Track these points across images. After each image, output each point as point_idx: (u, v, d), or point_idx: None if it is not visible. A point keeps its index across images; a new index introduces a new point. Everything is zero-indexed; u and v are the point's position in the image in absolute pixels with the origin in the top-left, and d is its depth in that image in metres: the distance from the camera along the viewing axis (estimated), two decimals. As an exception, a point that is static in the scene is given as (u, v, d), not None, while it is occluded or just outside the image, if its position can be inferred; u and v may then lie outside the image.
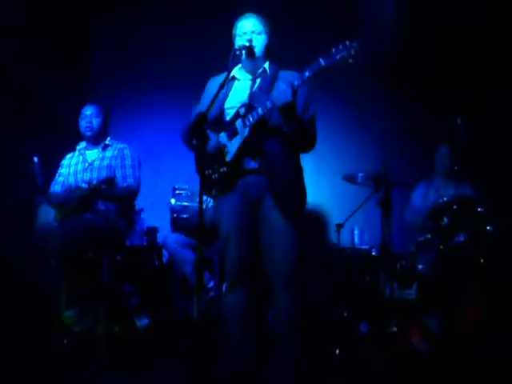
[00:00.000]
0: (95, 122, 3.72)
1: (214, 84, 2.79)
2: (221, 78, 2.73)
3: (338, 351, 3.32)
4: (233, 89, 2.75)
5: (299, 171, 2.72)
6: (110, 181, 3.44)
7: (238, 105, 2.64)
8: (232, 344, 2.67)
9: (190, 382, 2.15)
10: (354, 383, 3.00)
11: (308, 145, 2.70)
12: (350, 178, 3.97)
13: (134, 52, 5.27)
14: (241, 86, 2.74)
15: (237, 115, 2.62)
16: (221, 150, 2.65)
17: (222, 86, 2.45)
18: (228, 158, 2.63)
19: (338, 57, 2.39)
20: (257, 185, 2.61)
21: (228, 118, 2.69)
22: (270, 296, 2.66)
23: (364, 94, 4.81)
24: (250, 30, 2.68)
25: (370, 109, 4.87)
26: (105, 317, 3.41)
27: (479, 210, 3.58)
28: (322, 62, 2.41)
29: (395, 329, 3.28)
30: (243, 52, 2.62)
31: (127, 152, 3.74)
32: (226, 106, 2.71)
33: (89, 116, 3.71)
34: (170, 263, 4.29)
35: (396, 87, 4.85)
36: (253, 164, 2.62)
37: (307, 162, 2.80)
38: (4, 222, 3.63)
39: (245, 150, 2.61)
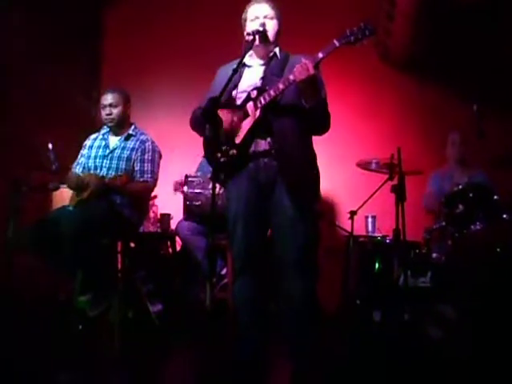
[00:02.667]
0: (115, 111, 3.68)
1: (223, 72, 2.77)
2: (230, 66, 2.71)
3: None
4: (243, 75, 2.73)
5: (312, 155, 2.68)
6: (125, 179, 3.45)
7: (249, 89, 2.62)
8: (242, 330, 2.66)
9: (203, 368, 2.16)
10: (367, 371, 3.00)
11: (323, 126, 2.68)
12: (364, 165, 3.94)
13: (148, 38, 5.26)
14: (252, 72, 2.72)
15: (248, 98, 2.60)
16: (231, 132, 2.62)
17: (235, 70, 2.44)
18: (238, 140, 2.60)
19: (352, 38, 2.40)
20: (268, 168, 2.58)
21: (239, 102, 2.66)
22: (278, 284, 2.63)
23: (378, 80, 4.77)
24: (262, 15, 2.66)
25: (385, 95, 4.83)
26: (119, 302, 3.44)
27: (495, 197, 3.54)
28: (337, 43, 2.42)
29: (408, 317, 3.26)
30: (256, 37, 2.60)
31: (148, 145, 3.71)
32: (237, 91, 2.68)
33: (108, 106, 3.67)
34: (183, 250, 4.31)
35: (411, 73, 4.81)
36: (263, 146, 2.59)
37: (321, 148, 2.76)
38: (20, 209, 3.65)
39: (255, 131, 2.59)
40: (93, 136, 3.84)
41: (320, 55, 2.44)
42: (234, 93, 2.68)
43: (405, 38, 4.46)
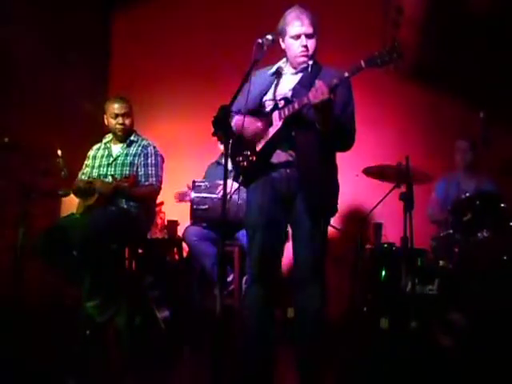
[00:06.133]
0: (127, 121, 3.74)
1: (258, 77, 2.75)
2: (265, 71, 2.75)
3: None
4: (276, 82, 2.73)
5: (333, 170, 2.68)
6: (132, 180, 3.47)
7: (278, 97, 2.63)
8: (252, 337, 2.67)
9: (210, 375, 2.16)
10: (374, 379, 3.00)
11: (345, 144, 2.66)
12: (372, 173, 3.95)
13: (154, 44, 5.29)
14: (284, 81, 2.73)
15: (275, 107, 2.62)
16: (253, 138, 2.64)
17: (246, 79, 2.44)
18: (259, 147, 2.63)
19: (379, 61, 2.36)
20: (289, 179, 2.60)
21: (268, 109, 2.67)
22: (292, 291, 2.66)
23: (384, 87, 4.78)
24: (304, 33, 2.63)
25: (391, 103, 4.84)
26: (126, 308, 3.45)
27: (502, 205, 3.54)
28: (363, 64, 2.39)
29: (415, 324, 3.26)
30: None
31: (150, 150, 3.75)
32: (266, 98, 2.70)
33: (120, 116, 3.71)
34: (190, 256, 4.32)
35: (417, 81, 4.82)
36: (284, 157, 2.61)
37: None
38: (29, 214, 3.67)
39: (276, 142, 2.60)
40: (96, 146, 3.88)
41: (346, 74, 2.42)
42: (264, 99, 2.70)
43: (411, 45, 4.47)
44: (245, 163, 2.66)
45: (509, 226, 3.48)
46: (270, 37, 2.59)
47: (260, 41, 2.56)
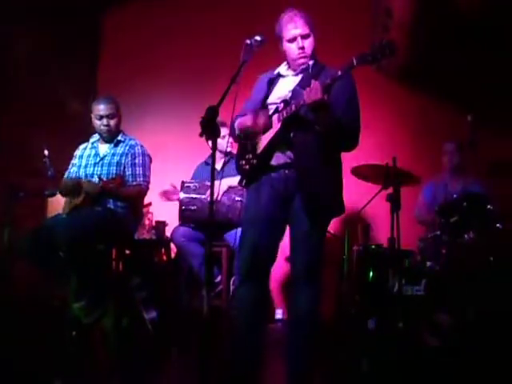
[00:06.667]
0: (112, 122, 3.70)
1: (262, 81, 2.81)
2: (268, 75, 2.78)
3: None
4: (277, 85, 2.74)
5: (335, 170, 2.68)
6: (119, 180, 3.45)
7: (278, 101, 2.64)
8: (241, 337, 2.66)
9: (197, 376, 2.15)
10: (362, 379, 3.01)
11: (348, 143, 2.65)
12: (359, 173, 3.95)
13: (144, 44, 5.28)
14: (284, 83, 2.73)
15: (276, 110, 2.63)
16: (256, 142, 2.65)
17: (234, 80, 2.43)
18: (258, 150, 2.64)
19: (370, 58, 2.36)
20: (287, 179, 2.60)
21: (270, 112, 2.68)
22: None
23: (373, 89, 4.79)
24: (299, 34, 2.64)
25: (379, 104, 4.85)
26: (113, 310, 3.43)
27: (489, 207, 3.56)
28: (355, 61, 2.39)
29: (402, 325, 3.27)
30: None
31: (138, 149, 3.73)
32: (268, 101, 2.71)
33: (105, 117, 3.67)
34: (178, 257, 4.31)
35: (405, 83, 4.84)
36: (283, 159, 2.61)
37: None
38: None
39: (275, 144, 2.61)
40: (82, 146, 3.86)
41: (339, 72, 2.42)
42: (267, 103, 2.71)
43: (400, 48, 4.48)
44: (247, 167, 2.67)
45: (495, 227, 3.50)
46: (258, 38, 2.59)
47: (248, 42, 2.57)
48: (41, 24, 4.58)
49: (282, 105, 2.60)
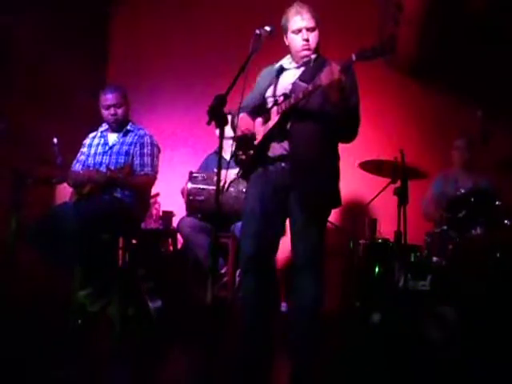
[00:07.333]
0: (119, 111, 3.71)
1: (266, 73, 2.84)
2: (273, 68, 2.80)
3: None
4: (280, 79, 2.76)
5: (333, 162, 2.70)
6: (127, 170, 3.46)
7: (279, 93, 2.67)
8: (247, 326, 2.69)
9: (202, 366, 2.16)
10: (366, 373, 3.00)
11: (350, 133, 2.68)
12: (368, 167, 3.94)
13: (153, 35, 5.27)
14: (286, 76, 2.76)
15: (275, 103, 2.66)
16: (254, 133, 2.69)
17: (242, 70, 2.42)
18: (256, 142, 2.67)
19: (369, 54, 2.38)
20: (284, 172, 2.62)
21: (269, 105, 2.72)
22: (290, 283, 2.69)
23: (383, 83, 4.78)
24: (305, 27, 2.67)
25: (389, 98, 4.84)
26: (119, 298, 3.44)
27: (497, 203, 3.55)
28: (354, 57, 2.41)
29: (407, 319, 3.26)
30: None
31: (147, 139, 3.74)
32: (267, 94, 2.75)
33: (112, 106, 3.69)
34: (184, 248, 4.32)
35: (415, 77, 4.81)
36: (279, 150, 2.64)
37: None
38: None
39: (272, 136, 2.64)
40: (91, 134, 3.87)
41: (338, 68, 2.42)
42: (266, 95, 2.75)
43: (410, 43, 4.46)
44: (243, 157, 2.70)
45: (503, 223, 3.49)
46: (268, 28, 2.61)
47: (258, 31, 2.58)
48: (52, 14, 4.58)
49: (281, 98, 2.63)
